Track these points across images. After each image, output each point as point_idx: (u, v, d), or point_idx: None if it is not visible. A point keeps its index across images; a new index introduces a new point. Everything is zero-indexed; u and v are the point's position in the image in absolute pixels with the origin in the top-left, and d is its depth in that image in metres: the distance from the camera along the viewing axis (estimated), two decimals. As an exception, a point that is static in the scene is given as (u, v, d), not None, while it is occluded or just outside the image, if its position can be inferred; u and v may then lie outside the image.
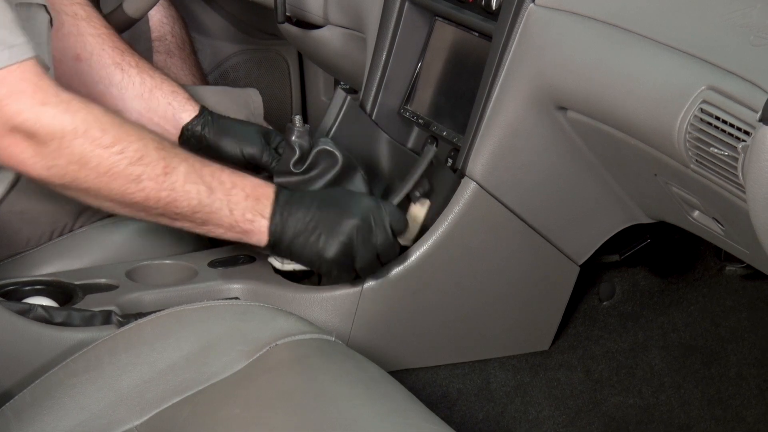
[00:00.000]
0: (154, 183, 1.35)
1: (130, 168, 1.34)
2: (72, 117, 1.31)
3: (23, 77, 1.32)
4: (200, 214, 1.39)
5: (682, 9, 1.30)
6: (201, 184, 1.38)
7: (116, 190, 1.34)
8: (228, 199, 1.40)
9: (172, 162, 1.36)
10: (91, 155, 1.32)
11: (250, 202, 1.41)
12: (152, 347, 1.31)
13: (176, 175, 1.36)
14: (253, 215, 1.42)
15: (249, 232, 1.43)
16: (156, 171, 1.35)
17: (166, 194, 1.36)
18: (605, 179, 1.57)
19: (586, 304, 1.78)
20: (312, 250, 1.45)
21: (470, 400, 1.68)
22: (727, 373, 1.82)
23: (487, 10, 1.56)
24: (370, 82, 1.75)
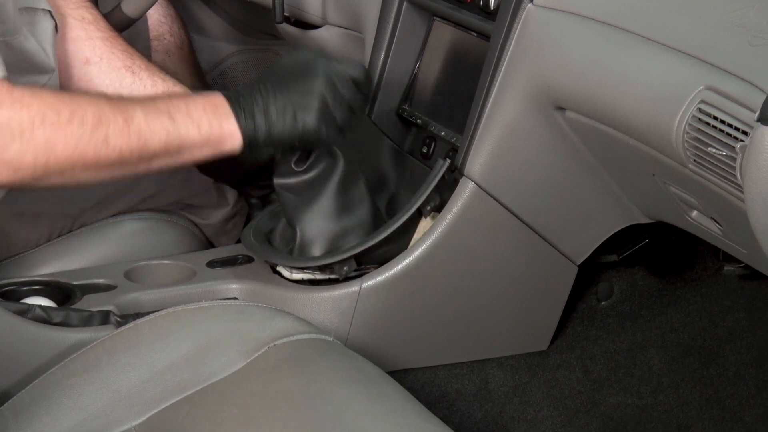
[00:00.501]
0: (122, 137, 1.35)
1: (95, 133, 1.34)
2: (27, 111, 1.31)
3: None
4: (173, 145, 1.39)
5: (681, 9, 1.30)
6: (162, 117, 1.38)
7: (90, 159, 1.34)
8: (191, 119, 1.40)
9: (128, 110, 1.37)
10: (55, 138, 1.32)
11: (209, 112, 1.41)
12: (150, 347, 1.31)
13: (137, 120, 1.36)
14: (218, 121, 1.41)
15: (222, 139, 1.42)
16: (118, 125, 1.35)
17: (136, 141, 1.36)
18: (603, 179, 1.57)
19: (585, 304, 1.78)
20: (294, 129, 1.44)
21: (469, 400, 1.68)
22: (726, 373, 1.82)
23: (486, 10, 1.56)
24: (369, 82, 1.75)
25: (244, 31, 2.55)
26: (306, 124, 1.44)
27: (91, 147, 1.33)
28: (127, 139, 1.35)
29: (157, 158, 1.39)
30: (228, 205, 1.85)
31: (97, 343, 1.33)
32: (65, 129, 1.32)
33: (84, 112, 1.33)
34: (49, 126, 1.31)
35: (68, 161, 1.33)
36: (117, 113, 1.35)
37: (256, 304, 1.40)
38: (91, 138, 1.33)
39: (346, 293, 1.54)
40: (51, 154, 1.31)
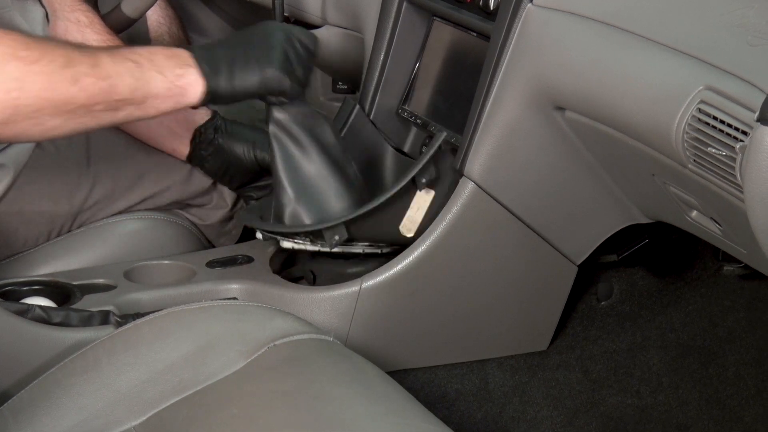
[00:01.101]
0: (91, 77, 1.35)
1: (65, 72, 1.34)
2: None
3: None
4: (139, 91, 1.40)
5: (680, 9, 1.30)
6: (127, 62, 1.39)
7: (60, 99, 1.34)
8: (154, 65, 1.41)
9: (95, 54, 1.38)
10: (25, 74, 1.31)
11: (172, 60, 1.43)
12: (150, 347, 1.31)
13: (103, 62, 1.37)
14: (181, 69, 1.43)
15: (185, 88, 1.43)
16: (87, 66, 1.35)
17: (104, 83, 1.36)
18: (603, 179, 1.57)
19: (584, 304, 1.78)
20: (256, 77, 1.47)
21: (468, 400, 1.68)
22: (725, 373, 1.82)
23: (485, 10, 1.56)
24: (368, 83, 1.75)
25: (244, 31, 2.55)
26: (268, 72, 1.47)
27: (60, 86, 1.33)
28: (95, 80, 1.35)
29: (124, 107, 1.40)
30: (227, 206, 1.85)
31: (96, 343, 1.33)
32: (35, 65, 1.31)
33: (53, 51, 1.33)
34: (20, 61, 1.30)
35: (37, 100, 1.32)
36: (85, 56, 1.36)
37: (255, 304, 1.40)
38: (61, 76, 1.33)
39: (346, 293, 1.54)
40: (21, 90, 1.30)
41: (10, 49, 1.30)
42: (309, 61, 1.53)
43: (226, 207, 1.85)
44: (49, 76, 1.32)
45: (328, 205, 1.53)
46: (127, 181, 1.76)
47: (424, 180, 1.53)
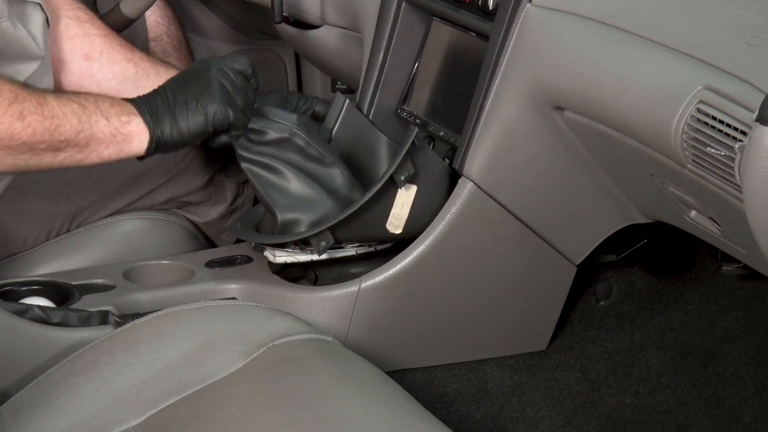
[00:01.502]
0: (36, 115, 1.36)
1: (11, 108, 1.35)
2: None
3: None
4: (83, 134, 1.41)
5: (679, 9, 1.30)
6: (73, 103, 1.40)
7: (4, 133, 1.35)
8: (100, 109, 1.42)
9: (41, 94, 1.39)
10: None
11: (116, 106, 1.44)
12: (149, 347, 1.31)
13: (49, 102, 1.38)
14: (126, 116, 1.44)
15: (129, 136, 1.45)
16: (33, 104, 1.36)
17: (49, 122, 1.37)
18: (602, 179, 1.57)
19: (583, 304, 1.78)
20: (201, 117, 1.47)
21: (467, 400, 1.68)
22: (724, 372, 1.82)
23: (484, 10, 1.56)
24: (367, 82, 1.75)
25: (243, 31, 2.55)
26: (210, 108, 1.47)
27: (6, 121, 1.34)
28: (41, 119, 1.36)
29: (66, 148, 1.40)
30: (226, 202, 1.85)
31: (95, 344, 1.33)
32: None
33: (1, 87, 1.35)
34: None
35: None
36: (31, 94, 1.38)
37: (254, 304, 1.40)
38: (7, 112, 1.34)
39: (345, 293, 1.54)
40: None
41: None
42: (247, 87, 1.52)
43: (225, 203, 1.86)
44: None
45: (315, 214, 1.54)
46: (125, 180, 1.76)
47: (403, 177, 1.52)
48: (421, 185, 1.54)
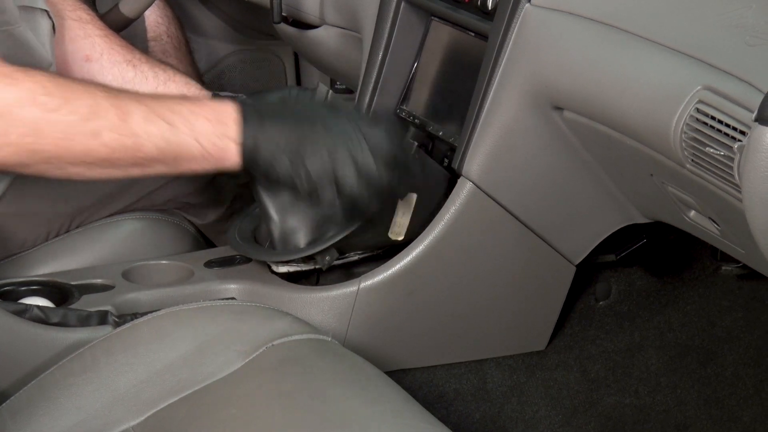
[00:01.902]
0: (114, 133, 1.29)
1: (86, 124, 1.28)
2: (16, 88, 1.26)
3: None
4: (169, 153, 1.32)
5: (678, 9, 1.30)
6: (161, 122, 1.30)
7: (78, 151, 1.29)
8: (192, 131, 1.32)
9: (126, 107, 1.30)
10: (42, 122, 1.26)
11: (214, 126, 1.33)
12: (148, 347, 1.31)
13: (133, 119, 1.29)
14: (221, 140, 1.32)
15: (223, 159, 1.34)
16: (112, 120, 1.28)
17: (129, 141, 1.29)
18: (601, 179, 1.57)
19: (583, 303, 1.78)
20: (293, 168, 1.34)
21: (467, 400, 1.68)
22: (724, 372, 1.82)
23: (483, 10, 1.56)
24: (366, 82, 1.75)
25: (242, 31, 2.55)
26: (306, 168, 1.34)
27: (79, 138, 1.28)
28: (120, 138, 1.29)
29: (152, 165, 1.33)
30: (225, 204, 1.85)
31: (95, 343, 1.33)
32: (54, 113, 1.27)
33: (78, 100, 1.28)
34: (37, 107, 1.26)
35: (55, 148, 1.27)
36: (113, 108, 1.29)
37: (254, 304, 1.40)
38: (81, 128, 1.28)
39: (344, 293, 1.54)
40: (37, 136, 1.26)
41: (30, 94, 1.26)
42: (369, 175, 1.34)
43: (224, 204, 1.85)
44: (68, 126, 1.27)
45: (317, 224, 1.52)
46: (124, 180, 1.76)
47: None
48: (421, 192, 1.54)
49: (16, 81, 1.26)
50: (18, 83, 1.26)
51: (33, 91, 1.27)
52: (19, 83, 1.26)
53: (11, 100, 1.26)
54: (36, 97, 1.27)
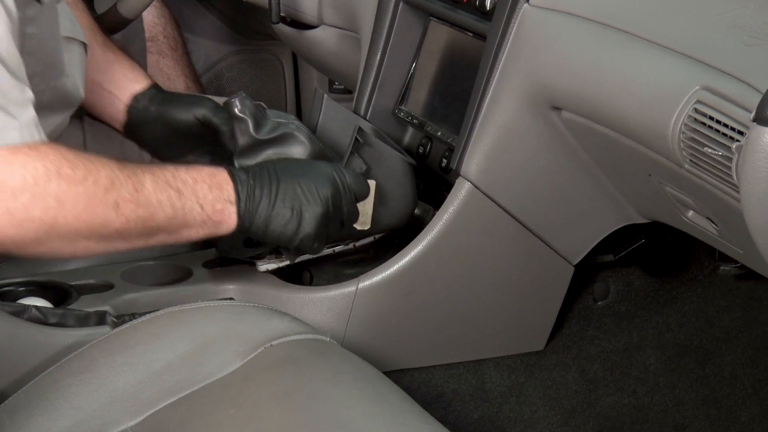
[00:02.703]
0: (131, 203, 1.30)
1: (107, 195, 1.28)
2: (43, 161, 1.24)
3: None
4: (176, 221, 1.35)
5: (676, 9, 1.30)
6: (169, 190, 1.34)
7: (97, 223, 1.29)
8: (196, 196, 1.36)
9: (138, 177, 1.32)
10: (67, 194, 1.26)
11: (214, 191, 1.37)
12: (147, 348, 1.30)
13: (146, 188, 1.32)
14: (222, 204, 1.37)
15: (220, 223, 1.39)
16: (128, 190, 1.30)
17: (143, 211, 1.31)
18: (599, 179, 1.57)
19: (581, 304, 1.78)
20: (290, 228, 1.41)
21: (465, 400, 1.68)
22: (722, 372, 1.82)
23: (482, 10, 1.57)
24: (365, 83, 1.75)
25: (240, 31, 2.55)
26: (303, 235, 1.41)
27: (100, 210, 1.28)
28: (135, 208, 1.30)
29: (156, 234, 1.35)
30: None
31: (93, 344, 1.32)
32: (78, 186, 1.26)
33: (98, 171, 1.28)
34: (63, 180, 1.25)
35: (76, 222, 1.27)
36: (128, 179, 1.30)
37: (252, 304, 1.40)
38: (103, 200, 1.28)
39: (343, 293, 1.54)
40: (60, 211, 1.25)
41: (55, 167, 1.24)
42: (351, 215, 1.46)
43: None
44: (90, 198, 1.27)
45: None
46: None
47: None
48: (381, 179, 1.53)
49: (42, 154, 1.25)
50: (44, 156, 1.25)
51: (58, 165, 1.25)
52: (46, 156, 1.25)
53: (40, 172, 1.24)
54: (62, 169, 1.25)
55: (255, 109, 1.52)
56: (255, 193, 1.39)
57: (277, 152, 1.53)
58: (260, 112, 1.53)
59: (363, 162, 1.50)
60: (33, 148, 1.24)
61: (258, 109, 1.53)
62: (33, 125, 1.24)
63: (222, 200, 1.37)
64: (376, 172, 1.52)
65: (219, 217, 1.38)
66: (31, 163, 1.23)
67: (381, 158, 1.53)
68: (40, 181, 1.23)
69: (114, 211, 1.29)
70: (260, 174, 1.40)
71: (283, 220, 1.40)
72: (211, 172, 1.38)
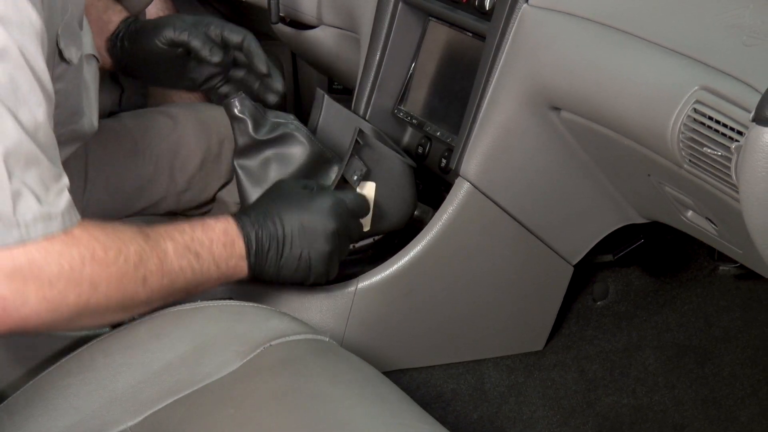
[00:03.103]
0: (156, 275, 1.30)
1: (137, 272, 1.28)
2: (77, 247, 1.23)
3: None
4: (194, 281, 1.36)
5: (676, 9, 1.30)
6: (189, 255, 1.34)
7: (128, 298, 1.28)
8: (212, 256, 1.37)
9: (161, 246, 1.32)
10: (101, 277, 1.25)
11: (228, 249, 1.39)
12: (146, 348, 1.30)
13: (169, 256, 1.32)
14: (235, 260, 1.39)
15: (233, 276, 1.41)
16: (155, 263, 1.30)
17: (167, 280, 1.31)
18: (599, 179, 1.57)
19: (580, 304, 1.78)
20: (300, 273, 1.43)
21: (464, 400, 1.68)
22: (721, 372, 1.82)
23: (481, 10, 1.56)
24: (364, 83, 1.75)
25: (239, 31, 2.54)
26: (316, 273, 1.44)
27: (130, 287, 1.28)
28: (160, 278, 1.31)
29: (177, 295, 1.36)
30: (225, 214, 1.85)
31: (92, 344, 1.32)
32: (111, 267, 1.25)
33: (128, 248, 1.27)
34: (96, 264, 1.24)
35: (107, 301, 1.26)
36: (153, 250, 1.30)
37: (251, 304, 1.40)
38: (133, 277, 1.28)
39: (342, 293, 1.54)
40: (93, 294, 1.24)
41: (89, 251, 1.24)
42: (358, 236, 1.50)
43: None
44: (122, 276, 1.27)
45: None
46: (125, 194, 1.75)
47: (356, 177, 1.51)
48: (381, 181, 1.53)
49: (77, 239, 1.24)
50: (78, 242, 1.24)
51: (92, 249, 1.24)
52: (80, 241, 1.24)
53: (76, 259, 1.23)
54: (95, 252, 1.25)
55: (254, 109, 1.52)
56: (263, 245, 1.40)
57: (277, 152, 1.53)
58: (259, 113, 1.53)
59: (363, 164, 1.51)
60: (68, 234, 1.23)
61: (257, 110, 1.53)
62: (70, 212, 1.24)
63: (235, 257, 1.39)
64: (375, 174, 1.52)
65: (232, 271, 1.39)
66: (67, 250, 1.22)
67: (381, 160, 1.53)
68: (75, 267, 1.23)
69: (142, 286, 1.29)
70: (265, 223, 1.41)
71: (292, 266, 1.42)
72: (224, 229, 1.39)
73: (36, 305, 1.19)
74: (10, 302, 1.18)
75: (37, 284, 1.19)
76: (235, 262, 1.38)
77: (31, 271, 1.18)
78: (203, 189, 1.81)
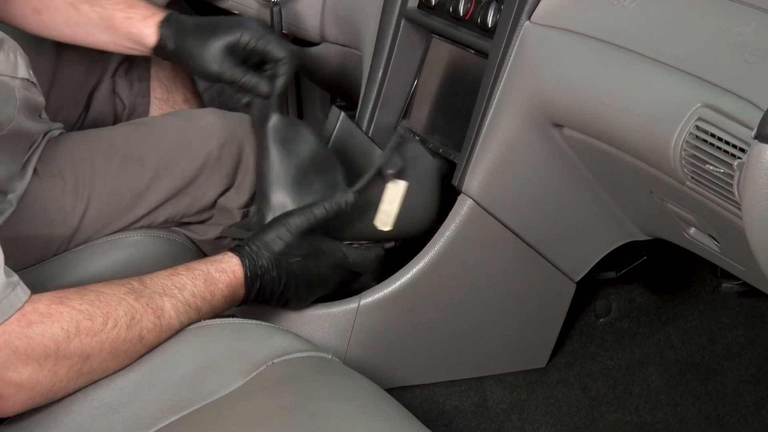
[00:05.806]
0: (154, 333, 1.31)
1: (130, 332, 1.28)
2: (60, 323, 1.23)
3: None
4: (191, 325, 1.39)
5: (678, 27, 1.30)
6: (191, 311, 1.35)
7: (124, 357, 1.29)
8: (213, 309, 1.39)
9: (157, 303, 1.32)
10: (91, 347, 1.25)
11: (228, 301, 1.41)
12: (149, 366, 1.30)
13: (167, 314, 1.32)
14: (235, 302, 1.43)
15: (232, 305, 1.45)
16: (151, 321, 1.30)
17: (166, 335, 1.32)
18: (601, 196, 1.57)
19: (583, 321, 1.78)
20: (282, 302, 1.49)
21: (467, 417, 1.68)
22: (724, 390, 1.82)
23: (483, 27, 1.57)
24: (367, 99, 1.75)
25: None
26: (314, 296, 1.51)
27: (125, 346, 1.28)
28: (159, 334, 1.31)
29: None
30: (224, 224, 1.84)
31: (95, 361, 1.32)
32: (100, 335, 1.25)
33: (115, 311, 1.27)
34: (83, 335, 1.24)
35: (102, 364, 1.27)
36: (147, 307, 1.30)
37: (254, 321, 1.40)
38: (126, 337, 1.27)
39: (345, 310, 1.54)
40: (86, 363, 1.25)
41: (73, 325, 1.23)
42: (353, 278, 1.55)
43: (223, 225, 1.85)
44: (114, 341, 1.27)
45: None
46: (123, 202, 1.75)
47: (391, 171, 1.52)
48: (411, 181, 1.54)
49: (56, 316, 1.23)
50: (60, 316, 1.23)
51: (76, 320, 1.24)
52: (60, 317, 1.23)
53: (60, 336, 1.23)
54: (80, 324, 1.24)
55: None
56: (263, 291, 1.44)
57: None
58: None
59: (401, 160, 1.53)
60: (45, 314, 1.23)
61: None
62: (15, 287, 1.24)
63: (236, 300, 1.43)
64: (408, 174, 1.53)
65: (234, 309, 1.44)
66: (49, 329, 1.22)
67: (415, 159, 1.55)
68: (61, 344, 1.22)
69: (139, 343, 1.29)
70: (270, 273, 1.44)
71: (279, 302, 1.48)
72: (228, 283, 1.40)
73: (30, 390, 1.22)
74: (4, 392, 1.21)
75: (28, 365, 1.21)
76: (231, 304, 1.43)
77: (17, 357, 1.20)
78: (202, 195, 1.81)
